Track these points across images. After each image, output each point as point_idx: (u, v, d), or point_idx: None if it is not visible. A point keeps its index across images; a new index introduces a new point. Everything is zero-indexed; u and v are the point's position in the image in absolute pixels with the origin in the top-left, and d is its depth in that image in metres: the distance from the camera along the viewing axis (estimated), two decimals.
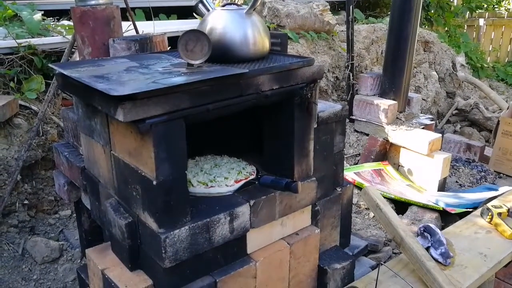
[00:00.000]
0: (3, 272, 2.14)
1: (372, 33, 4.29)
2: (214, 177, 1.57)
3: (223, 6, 1.54)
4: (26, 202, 2.38)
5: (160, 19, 3.96)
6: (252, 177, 1.60)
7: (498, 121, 3.57)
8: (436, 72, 4.85)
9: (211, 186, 1.52)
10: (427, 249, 1.93)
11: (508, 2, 7.97)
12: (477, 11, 7.05)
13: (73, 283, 2.12)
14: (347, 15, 3.49)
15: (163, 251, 1.29)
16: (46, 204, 2.46)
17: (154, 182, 1.25)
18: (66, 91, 2.18)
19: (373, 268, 1.99)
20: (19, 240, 2.29)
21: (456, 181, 3.26)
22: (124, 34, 1.85)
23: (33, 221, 2.39)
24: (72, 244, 2.31)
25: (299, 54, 3.48)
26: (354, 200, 2.73)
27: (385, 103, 3.17)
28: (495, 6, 7.76)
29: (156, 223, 1.29)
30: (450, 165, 3.21)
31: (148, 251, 1.39)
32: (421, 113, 3.68)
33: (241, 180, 1.56)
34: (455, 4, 6.69)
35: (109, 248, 1.56)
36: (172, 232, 1.29)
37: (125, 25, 2.40)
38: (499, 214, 2.20)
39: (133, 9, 3.51)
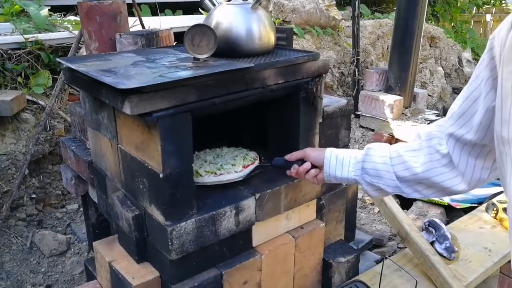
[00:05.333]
0: (12, 264, 2.17)
1: (378, 28, 4.28)
2: (221, 165, 1.56)
3: (229, 1, 1.55)
4: (34, 196, 2.41)
5: (165, 15, 3.97)
6: (257, 162, 1.59)
7: None
8: (442, 67, 4.82)
9: (221, 174, 1.51)
10: (432, 243, 1.94)
11: None
12: (483, 7, 7.00)
13: (80, 276, 2.15)
14: (353, 10, 3.48)
15: (170, 243, 1.30)
16: (54, 198, 2.49)
17: (161, 175, 1.26)
18: (74, 85, 2.20)
19: (377, 262, 2.00)
20: (27, 233, 2.32)
21: None
22: (131, 29, 1.86)
23: (40, 215, 2.42)
24: (79, 238, 2.33)
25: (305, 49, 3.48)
26: (359, 195, 2.74)
27: (390, 98, 3.17)
28: (502, 1, 7.70)
29: (162, 216, 1.31)
30: None
31: (155, 244, 1.41)
32: (427, 108, 3.67)
33: (248, 165, 1.55)
34: None
35: (116, 241, 1.58)
36: (178, 225, 1.31)
37: (131, 20, 2.41)
38: (504, 209, 2.20)
39: (139, 4, 3.53)
